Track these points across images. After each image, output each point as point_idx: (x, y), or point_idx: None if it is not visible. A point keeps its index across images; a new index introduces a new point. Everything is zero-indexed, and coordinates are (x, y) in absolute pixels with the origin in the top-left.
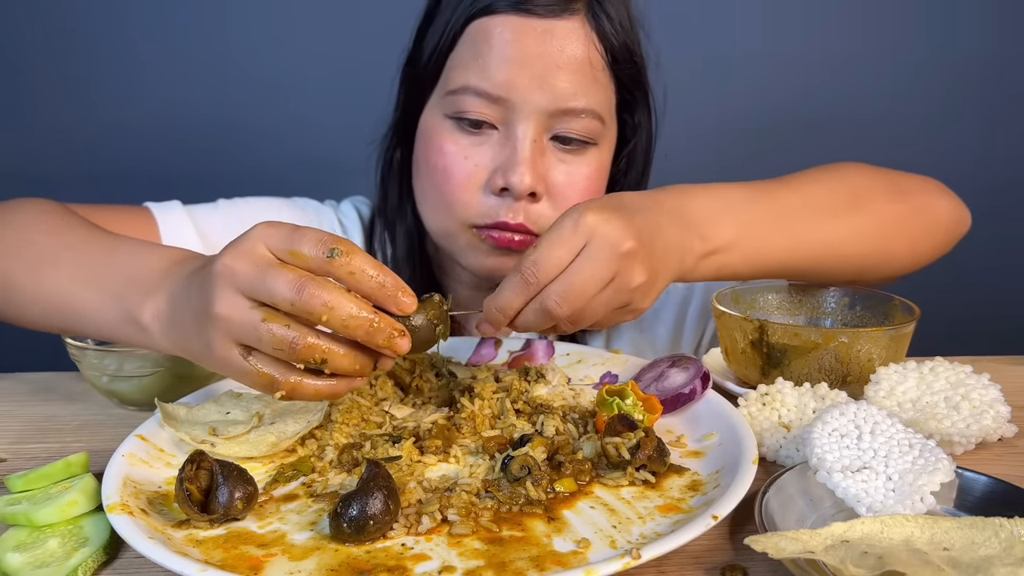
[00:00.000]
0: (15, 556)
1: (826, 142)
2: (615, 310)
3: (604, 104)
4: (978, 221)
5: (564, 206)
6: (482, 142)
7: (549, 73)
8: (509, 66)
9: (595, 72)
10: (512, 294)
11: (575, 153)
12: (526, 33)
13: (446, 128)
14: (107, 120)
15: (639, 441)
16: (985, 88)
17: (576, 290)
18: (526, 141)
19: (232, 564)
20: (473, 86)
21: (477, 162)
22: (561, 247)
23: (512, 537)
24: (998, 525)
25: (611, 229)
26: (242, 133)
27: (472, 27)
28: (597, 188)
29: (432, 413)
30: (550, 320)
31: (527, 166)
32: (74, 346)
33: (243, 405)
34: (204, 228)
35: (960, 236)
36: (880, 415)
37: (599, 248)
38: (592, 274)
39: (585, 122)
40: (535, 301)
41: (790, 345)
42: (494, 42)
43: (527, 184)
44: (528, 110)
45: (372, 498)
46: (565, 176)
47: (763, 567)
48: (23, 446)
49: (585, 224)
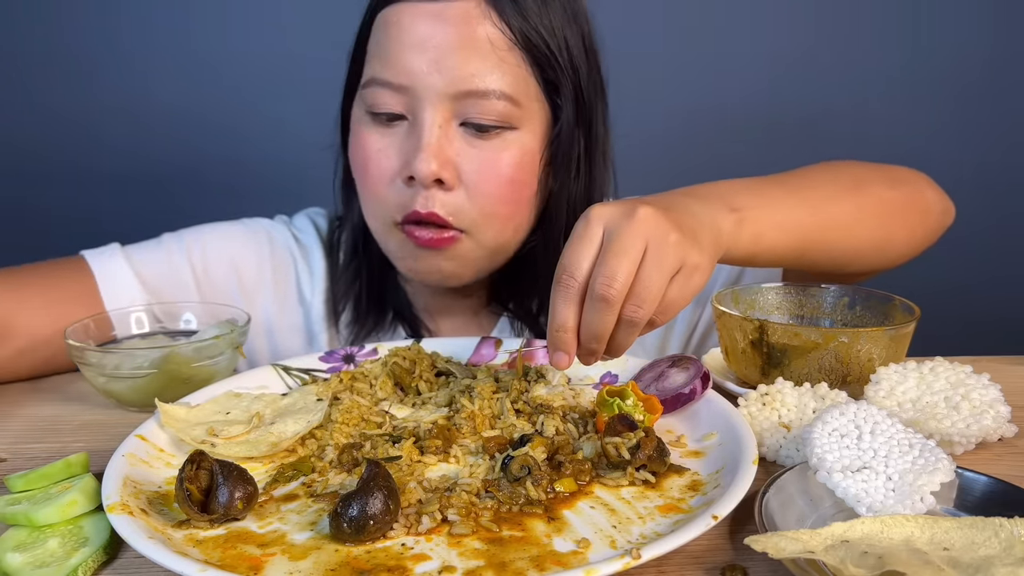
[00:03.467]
0: (15, 556)
1: (824, 142)
2: (675, 279)
3: (516, 86)
4: (978, 221)
5: (482, 194)
6: (394, 134)
7: (444, 56)
8: (407, 53)
9: (498, 52)
10: (560, 307)
11: (489, 138)
12: (419, 18)
13: (364, 123)
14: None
15: (639, 441)
16: (984, 90)
17: (614, 264)
18: (432, 128)
19: (232, 564)
20: (378, 77)
21: (389, 155)
22: (581, 243)
23: (512, 537)
24: (998, 525)
25: (621, 207)
26: (231, 135)
27: (378, 18)
28: (518, 175)
29: (432, 413)
30: (611, 310)
31: (429, 151)
32: (74, 346)
33: (243, 405)
34: (144, 273)
35: (947, 227)
36: (880, 415)
37: (617, 223)
38: (622, 243)
39: (495, 104)
40: (587, 301)
41: (790, 345)
42: (392, 31)
43: (432, 170)
44: (430, 95)
45: (372, 498)
46: (479, 163)
47: (763, 567)
48: (23, 446)
49: (594, 216)
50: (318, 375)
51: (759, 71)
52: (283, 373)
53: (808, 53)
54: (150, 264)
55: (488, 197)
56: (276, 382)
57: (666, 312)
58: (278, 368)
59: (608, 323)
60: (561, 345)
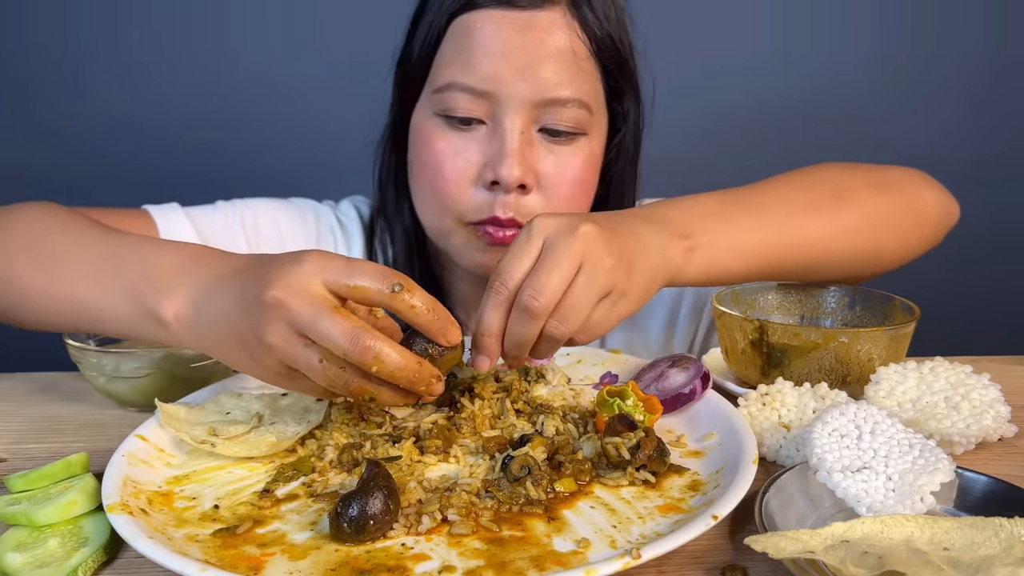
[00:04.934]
0: (15, 556)
1: (825, 143)
2: (602, 302)
3: (591, 93)
4: (978, 221)
5: (555, 197)
6: (471, 138)
7: (532, 64)
8: (492, 59)
9: (579, 61)
10: (489, 312)
11: (564, 143)
12: (507, 26)
13: (436, 126)
14: (106, 120)
15: (639, 441)
16: (983, 89)
17: (544, 278)
18: (514, 133)
19: (232, 564)
20: (458, 82)
21: (467, 158)
22: (520, 253)
23: (512, 537)
24: (998, 525)
25: (565, 222)
26: (243, 133)
27: (455, 23)
28: (588, 178)
29: (432, 413)
30: (535, 322)
31: (515, 158)
32: (74, 346)
33: (243, 405)
34: (204, 230)
35: (950, 227)
36: (880, 415)
37: (557, 237)
38: (557, 259)
39: (572, 112)
40: (513, 310)
41: (790, 345)
42: (476, 37)
43: (516, 176)
44: (513, 102)
45: (372, 498)
46: (555, 167)
47: (763, 567)
48: (23, 446)
49: (539, 227)
50: None
51: (762, 72)
52: None
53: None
54: (207, 223)
55: (561, 199)
56: None
57: (588, 332)
58: None
59: (531, 334)
60: (483, 349)
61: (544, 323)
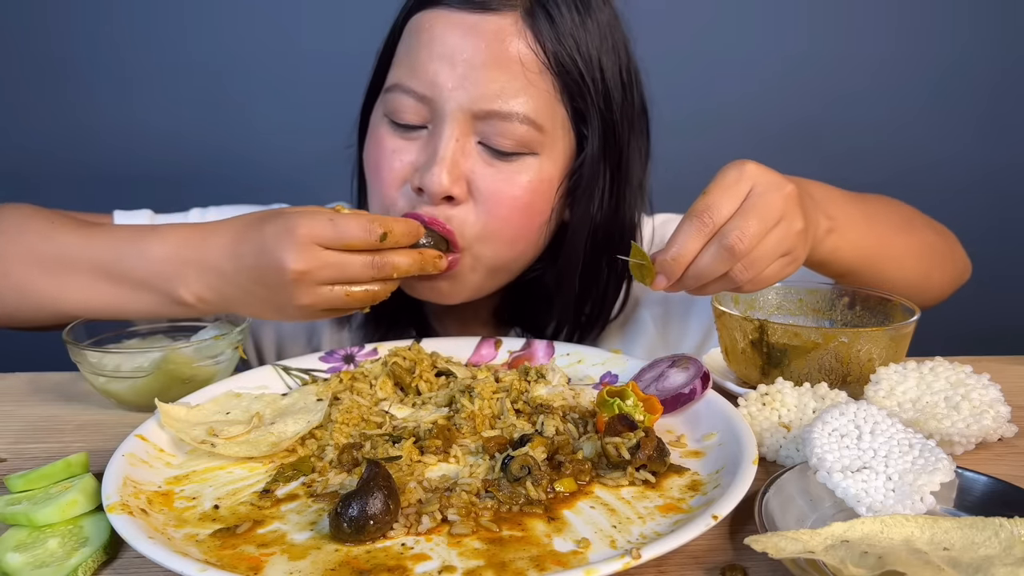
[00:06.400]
0: (15, 556)
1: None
2: (780, 259)
3: (542, 111)
4: (978, 222)
5: (489, 212)
6: (413, 141)
7: (472, 71)
8: (435, 63)
9: (528, 74)
10: (688, 238)
11: (508, 161)
12: (455, 29)
13: (383, 125)
14: (95, 123)
15: (639, 441)
16: (983, 92)
17: (752, 225)
18: (448, 142)
19: (232, 564)
20: (402, 84)
21: (403, 159)
22: (729, 191)
23: (512, 537)
24: (998, 525)
25: (773, 176)
26: (234, 135)
27: (410, 22)
28: (532, 201)
29: (432, 413)
30: (729, 260)
31: (443, 166)
32: (74, 346)
33: (243, 405)
34: None
35: (962, 284)
36: (880, 415)
37: (766, 188)
38: (765, 209)
39: (517, 128)
40: (712, 243)
41: (790, 345)
42: (423, 38)
43: (443, 186)
44: (451, 108)
45: (372, 498)
46: (494, 183)
47: (763, 567)
48: (23, 446)
49: (748, 172)
50: (318, 375)
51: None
52: (283, 373)
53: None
54: None
55: (496, 217)
56: (276, 382)
57: (757, 284)
58: (278, 368)
59: (720, 271)
60: (668, 272)
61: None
